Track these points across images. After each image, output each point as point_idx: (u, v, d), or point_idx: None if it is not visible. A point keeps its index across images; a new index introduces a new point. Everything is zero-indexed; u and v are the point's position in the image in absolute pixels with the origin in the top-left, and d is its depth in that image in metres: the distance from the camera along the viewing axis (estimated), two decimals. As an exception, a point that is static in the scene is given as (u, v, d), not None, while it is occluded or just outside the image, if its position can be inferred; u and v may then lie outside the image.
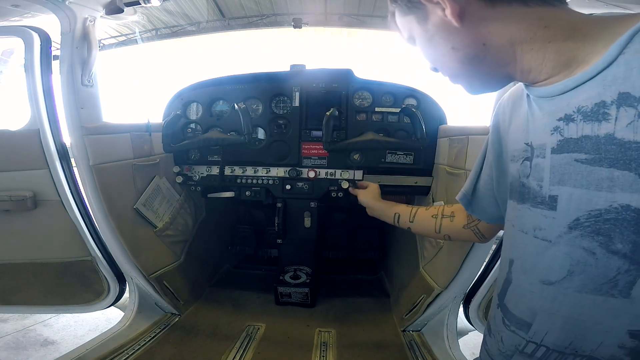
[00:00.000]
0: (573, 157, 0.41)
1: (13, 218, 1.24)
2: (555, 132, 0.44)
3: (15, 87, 1.36)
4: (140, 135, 1.39)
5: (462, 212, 0.82)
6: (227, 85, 1.56)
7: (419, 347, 1.32)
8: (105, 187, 1.22)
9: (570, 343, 0.45)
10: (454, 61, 0.51)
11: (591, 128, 0.40)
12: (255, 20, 4.70)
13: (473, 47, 0.48)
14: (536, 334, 0.48)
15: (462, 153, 1.18)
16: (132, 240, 1.33)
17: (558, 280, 0.44)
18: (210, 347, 1.30)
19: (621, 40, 0.37)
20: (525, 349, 0.50)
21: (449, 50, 0.50)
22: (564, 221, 0.43)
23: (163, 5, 3.82)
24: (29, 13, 1.19)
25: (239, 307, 1.61)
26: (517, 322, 0.51)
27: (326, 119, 1.37)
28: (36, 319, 2.23)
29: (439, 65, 0.55)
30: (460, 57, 0.50)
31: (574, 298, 0.43)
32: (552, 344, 0.47)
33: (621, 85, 0.37)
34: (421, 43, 0.55)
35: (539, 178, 0.46)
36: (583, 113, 0.40)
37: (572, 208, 0.42)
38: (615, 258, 0.39)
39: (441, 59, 0.53)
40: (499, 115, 0.61)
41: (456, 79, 0.55)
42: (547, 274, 0.46)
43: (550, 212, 0.45)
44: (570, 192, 0.42)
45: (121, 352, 1.20)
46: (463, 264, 1.17)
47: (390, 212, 1.03)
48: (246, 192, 1.60)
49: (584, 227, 0.41)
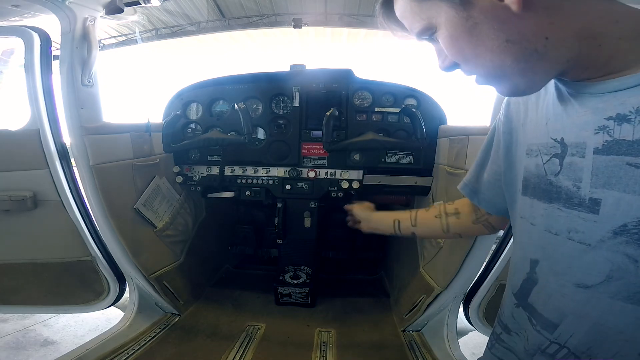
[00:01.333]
0: (625, 160, 0.38)
1: (13, 218, 1.24)
2: (601, 131, 0.40)
3: (15, 87, 1.36)
4: (140, 135, 1.38)
5: (466, 206, 0.79)
6: (227, 85, 1.56)
7: (419, 347, 1.32)
8: (105, 187, 1.22)
9: (589, 348, 0.44)
10: (505, 57, 0.42)
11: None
12: (255, 20, 4.69)
13: (534, 40, 0.41)
14: (561, 336, 0.47)
15: (462, 153, 1.18)
16: (132, 240, 1.33)
17: (594, 285, 0.43)
18: (210, 347, 1.30)
19: None
20: (547, 349, 0.49)
21: (501, 43, 0.42)
22: (608, 226, 0.40)
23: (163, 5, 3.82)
24: (29, 13, 1.19)
25: (239, 307, 1.61)
26: (543, 322, 0.50)
27: (326, 119, 1.37)
28: (36, 319, 2.23)
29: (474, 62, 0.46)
30: (515, 52, 0.42)
31: (605, 303, 0.42)
32: (574, 347, 0.46)
33: None
34: (453, 34, 0.45)
35: (576, 178, 0.43)
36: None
37: (618, 213, 0.39)
38: None
39: (485, 55, 0.44)
40: (511, 106, 0.58)
41: (495, 78, 0.46)
42: (583, 278, 0.44)
43: (591, 216, 0.42)
44: (619, 197, 0.39)
45: (121, 352, 1.20)
46: (463, 264, 1.17)
47: (389, 220, 0.97)
48: (246, 192, 1.60)
49: (632, 233, 0.38)
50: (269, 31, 5.04)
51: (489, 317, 1.32)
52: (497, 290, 1.25)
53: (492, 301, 1.28)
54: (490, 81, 0.47)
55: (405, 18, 0.50)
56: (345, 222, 1.23)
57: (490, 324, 1.32)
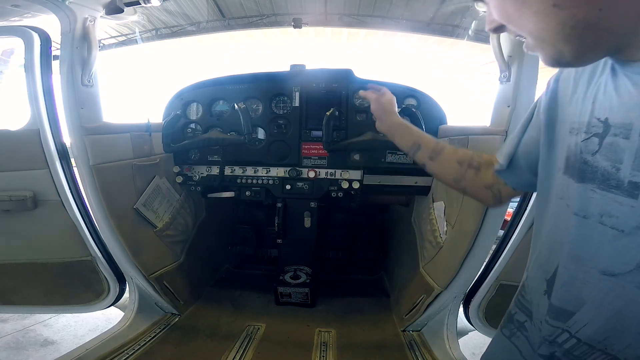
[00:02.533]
0: None
1: (13, 218, 1.24)
2: None
3: (15, 87, 1.36)
4: (140, 135, 1.38)
5: (489, 167, 0.74)
6: (227, 85, 1.56)
7: (419, 347, 1.32)
8: (105, 187, 1.22)
9: (606, 338, 0.43)
10: (551, 22, 0.39)
11: None
12: (255, 20, 4.70)
13: (585, 9, 0.37)
14: (575, 325, 0.46)
15: (462, 153, 1.17)
16: (132, 240, 1.33)
17: (622, 273, 0.41)
18: (210, 347, 1.30)
19: None
20: (557, 338, 0.48)
21: (547, 7, 0.39)
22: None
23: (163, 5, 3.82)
24: (29, 13, 1.19)
25: (239, 307, 1.61)
26: (557, 310, 0.48)
27: (326, 119, 1.37)
28: (36, 319, 2.23)
29: (520, 24, 0.43)
30: (562, 17, 0.38)
31: (631, 293, 0.40)
32: (587, 337, 0.45)
33: None
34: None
35: (616, 160, 0.41)
36: None
37: None
38: None
39: (530, 17, 0.41)
40: (560, 82, 0.55)
41: (540, 45, 0.43)
42: (610, 265, 0.42)
43: (628, 200, 0.39)
44: None
45: (121, 352, 1.20)
46: (463, 264, 1.17)
47: (409, 138, 0.85)
48: (246, 192, 1.60)
49: None
50: (269, 31, 5.04)
51: (489, 317, 1.32)
52: (497, 290, 1.25)
53: (492, 301, 1.28)
54: (536, 45, 0.44)
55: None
56: (345, 222, 1.22)
57: (491, 324, 1.32)
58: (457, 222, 1.20)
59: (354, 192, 1.53)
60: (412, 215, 1.66)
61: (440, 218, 1.32)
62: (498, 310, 1.27)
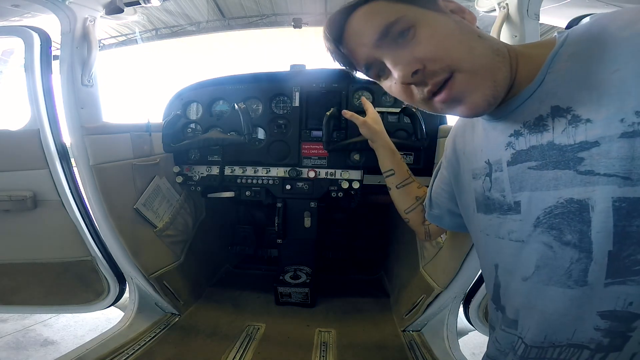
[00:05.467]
0: (526, 165, 0.47)
1: (13, 218, 1.24)
2: (508, 147, 0.50)
3: (15, 87, 1.36)
4: (140, 135, 1.38)
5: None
6: (227, 85, 1.56)
7: (419, 347, 1.32)
8: (105, 187, 1.22)
9: (545, 337, 0.47)
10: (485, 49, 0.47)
11: (536, 139, 0.46)
12: (255, 20, 4.70)
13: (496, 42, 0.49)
14: (522, 331, 0.51)
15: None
16: (132, 240, 1.33)
17: (530, 276, 0.49)
18: (210, 347, 1.30)
19: (545, 64, 0.45)
20: (515, 346, 0.53)
21: (475, 37, 0.48)
22: (529, 221, 0.48)
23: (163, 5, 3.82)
24: (29, 13, 1.19)
25: (239, 307, 1.61)
26: (508, 321, 0.54)
27: (326, 119, 1.37)
28: (36, 319, 2.23)
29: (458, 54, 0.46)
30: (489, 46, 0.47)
31: (542, 292, 0.47)
32: (530, 340, 0.50)
33: (552, 100, 0.44)
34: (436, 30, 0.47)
35: (501, 189, 0.52)
36: (528, 127, 0.47)
37: (532, 209, 0.47)
38: (568, 249, 0.43)
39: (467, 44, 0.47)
40: (457, 137, 0.68)
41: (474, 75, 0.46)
42: (523, 271, 0.50)
43: (517, 216, 0.50)
44: (529, 196, 0.47)
45: (121, 352, 1.20)
46: (463, 264, 1.17)
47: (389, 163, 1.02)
48: (246, 192, 1.60)
49: (543, 223, 0.46)
50: (269, 31, 5.05)
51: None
52: (497, 290, 1.25)
53: (492, 301, 1.28)
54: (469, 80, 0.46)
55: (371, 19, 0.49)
56: (345, 222, 1.23)
57: (490, 324, 1.32)
58: (457, 222, 1.20)
59: (354, 192, 1.53)
60: (412, 215, 1.66)
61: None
62: (498, 310, 1.27)
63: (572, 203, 0.42)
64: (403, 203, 0.96)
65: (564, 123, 0.42)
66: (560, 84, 0.43)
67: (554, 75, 0.44)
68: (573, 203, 0.42)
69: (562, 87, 0.43)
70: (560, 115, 0.43)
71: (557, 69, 0.44)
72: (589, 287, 0.42)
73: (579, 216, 0.42)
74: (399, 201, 0.97)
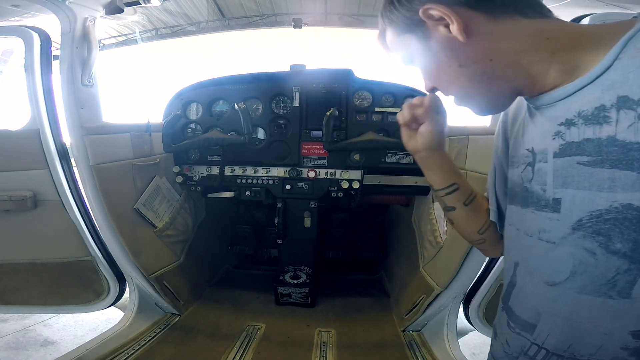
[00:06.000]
0: (575, 160, 0.42)
1: (13, 218, 1.24)
2: (556, 136, 0.45)
3: (15, 87, 1.36)
4: (140, 135, 1.38)
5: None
6: (227, 85, 1.56)
7: (419, 347, 1.32)
8: (105, 187, 1.22)
9: (569, 346, 0.45)
10: (462, 80, 0.50)
11: (592, 131, 0.41)
12: (255, 20, 4.70)
13: (481, 63, 0.48)
14: (539, 336, 0.49)
15: (462, 153, 1.18)
16: (132, 240, 1.33)
17: (561, 281, 0.45)
18: (210, 347, 1.30)
19: (617, 46, 0.39)
20: (529, 351, 0.50)
21: (455, 68, 0.49)
22: (568, 222, 0.43)
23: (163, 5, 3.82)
24: (29, 13, 1.19)
25: (239, 307, 1.61)
26: (522, 324, 0.52)
27: (326, 119, 1.37)
28: (36, 319, 2.23)
29: (443, 85, 0.54)
30: (468, 74, 0.49)
31: (573, 299, 0.44)
32: (552, 346, 0.47)
33: (619, 89, 0.39)
34: (423, 63, 0.53)
35: (542, 182, 0.47)
36: (584, 117, 0.42)
37: (575, 209, 0.43)
38: (615, 258, 0.40)
39: (447, 78, 0.52)
40: (506, 124, 0.62)
41: (463, 99, 0.54)
42: (551, 275, 0.46)
43: (554, 215, 0.45)
44: (573, 194, 0.43)
45: (121, 352, 1.20)
46: (463, 264, 1.17)
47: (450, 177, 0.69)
48: (246, 192, 1.60)
49: (586, 227, 0.42)
50: (269, 31, 5.04)
51: (489, 317, 1.32)
52: (497, 290, 1.25)
53: (492, 301, 1.28)
54: (462, 102, 0.54)
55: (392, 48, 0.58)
56: (345, 222, 1.22)
57: (491, 324, 1.32)
58: (457, 222, 1.20)
59: (354, 192, 1.53)
60: (412, 215, 1.66)
61: (440, 218, 1.32)
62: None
63: (629, 209, 0.38)
64: (475, 223, 0.70)
65: (632, 117, 0.37)
66: (633, 72, 0.38)
67: (626, 62, 0.38)
68: (631, 210, 0.38)
69: (635, 75, 0.37)
70: (628, 108, 0.38)
71: (631, 55, 0.38)
72: (632, 300, 0.39)
73: (637, 225, 0.37)
74: (469, 221, 0.71)
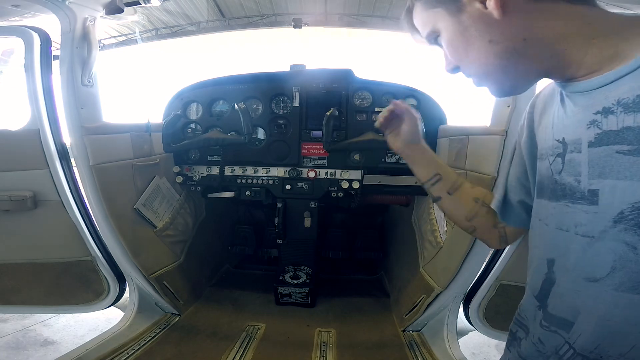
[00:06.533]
0: (614, 149, 0.40)
1: (13, 218, 1.24)
2: (592, 125, 0.43)
3: (15, 87, 1.36)
4: (140, 135, 1.38)
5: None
6: (227, 85, 1.56)
7: (419, 347, 1.32)
8: (105, 187, 1.22)
9: (597, 347, 0.43)
10: (489, 56, 0.49)
11: (634, 119, 0.39)
12: (255, 20, 4.70)
13: (513, 40, 0.47)
14: (573, 335, 0.47)
15: (462, 153, 1.18)
16: (132, 240, 1.32)
17: (602, 278, 0.43)
18: (210, 347, 1.30)
19: None
20: (560, 350, 0.49)
21: (485, 43, 0.48)
22: (608, 215, 0.41)
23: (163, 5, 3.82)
24: (29, 13, 1.19)
25: (239, 307, 1.61)
26: (558, 322, 0.49)
27: (326, 119, 1.37)
28: (36, 319, 2.23)
29: (468, 62, 0.53)
30: (497, 51, 0.48)
31: (611, 297, 0.42)
32: (580, 347, 0.45)
33: None
34: (450, 37, 0.52)
35: (576, 173, 0.45)
36: (624, 105, 0.40)
37: (615, 201, 0.40)
38: None
39: (474, 54, 0.50)
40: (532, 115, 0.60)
41: (485, 78, 0.52)
42: (591, 271, 0.44)
43: (591, 207, 0.43)
44: (613, 185, 0.40)
45: (121, 352, 1.20)
46: (463, 264, 1.17)
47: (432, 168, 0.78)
48: (246, 192, 1.60)
49: (628, 220, 0.39)
50: (269, 31, 5.04)
51: (489, 317, 1.32)
52: (497, 290, 1.25)
53: (492, 301, 1.28)
54: (483, 81, 0.53)
55: (419, 25, 0.58)
56: (345, 222, 1.21)
57: (491, 324, 1.32)
58: (457, 222, 1.20)
59: (354, 192, 1.53)
60: (412, 215, 1.66)
61: (440, 218, 1.32)
62: (498, 310, 1.27)
63: None
64: (462, 210, 0.75)
65: None
66: None
67: None
68: None
69: None
70: None
71: None
72: None
73: None
74: (455, 209, 0.76)
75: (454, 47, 0.53)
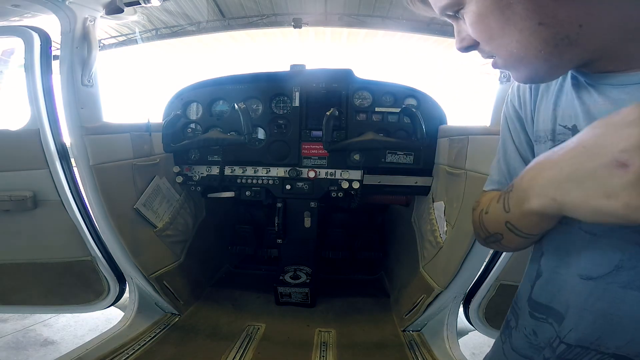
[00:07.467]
0: None
1: (13, 218, 1.24)
2: None
3: (15, 87, 1.36)
4: (140, 135, 1.39)
5: None
6: (227, 85, 1.56)
7: (419, 347, 1.32)
8: (105, 187, 1.22)
9: (598, 338, 0.44)
10: (535, 40, 0.41)
11: None
12: (255, 20, 4.69)
13: (568, 26, 0.40)
14: (563, 329, 0.47)
15: (462, 153, 1.18)
16: (132, 240, 1.33)
17: (601, 275, 0.42)
18: (210, 347, 1.30)
19: None
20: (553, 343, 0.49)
21: (533, 25, 0.40)
22: None
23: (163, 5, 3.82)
24: (29, 13, 1.19)
25: (239, 307, 1.61)
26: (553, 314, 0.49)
27: (326, 119, 1.37)
28: (36, 319, 2.23)
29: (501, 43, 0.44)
30: (546, 36, 0.40)
31: (616, 294, 0.41)
32: (575, 340, 0.45)
33: None
34: (482, 12, 0.43)
35: None
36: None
37: None
38: None
39: (514, 36, 0.42)
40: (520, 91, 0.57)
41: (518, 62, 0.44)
42: (588, 269, 0.43)
43: None
44: None
45: (121, 352, 1.20)
46: (463, 264, 1.17)
47: None
48: (246, 192, 1.60)
49: None
50: (269, 31, 5.04)
51: (489, 317, 1.32)
52: (497, 290, 1.25)
53: (492, 301, 1.28)
54: (510, 64, 0.46)
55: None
56: (345, 222, 1.20)
57: (491, 324, 1.32)
58: (457, 222, 1.20)
59: (354, 192, 1.53)
60: (412, 215, 1.66)
61: (440, 218, 1.32)
62: (498, 310, 1.27)
63: None
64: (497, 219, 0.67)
65: None
66: None
67: None
68: None
69: None
70: None
71: None
72: None
73: None
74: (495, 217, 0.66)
75: (485, 24, 0.44)
